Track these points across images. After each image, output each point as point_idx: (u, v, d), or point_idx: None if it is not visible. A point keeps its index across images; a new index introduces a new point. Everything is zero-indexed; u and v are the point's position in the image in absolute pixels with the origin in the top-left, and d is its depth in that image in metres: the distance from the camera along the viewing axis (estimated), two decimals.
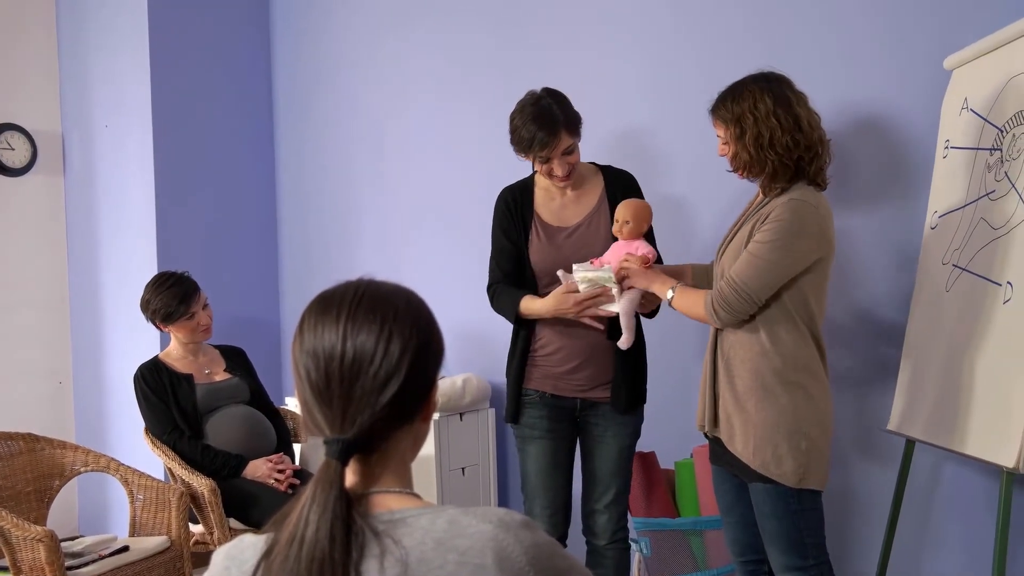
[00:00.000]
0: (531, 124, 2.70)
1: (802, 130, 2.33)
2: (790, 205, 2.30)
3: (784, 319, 2.33)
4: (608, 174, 2.90)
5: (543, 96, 2.77)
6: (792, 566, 2.35)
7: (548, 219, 2.85)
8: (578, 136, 2.78)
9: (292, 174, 4.85)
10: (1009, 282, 2.28)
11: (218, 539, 3.31)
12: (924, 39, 2.88)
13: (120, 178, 4.57)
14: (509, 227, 2.86)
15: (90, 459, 3.53)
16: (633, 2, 3.54)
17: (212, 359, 3.75)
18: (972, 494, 2.84)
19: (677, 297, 2.51)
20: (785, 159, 2.33)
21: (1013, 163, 2.37)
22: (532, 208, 2.86)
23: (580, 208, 2.84)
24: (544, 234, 2.83)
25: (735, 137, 2.37)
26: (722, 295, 2.35)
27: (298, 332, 1.19)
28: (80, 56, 4.76)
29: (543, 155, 2.72)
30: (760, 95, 2.34)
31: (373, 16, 4.44)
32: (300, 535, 1.08)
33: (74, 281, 4.87)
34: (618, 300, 2.65)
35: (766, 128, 2.31)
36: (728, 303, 2.34)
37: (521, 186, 2.92)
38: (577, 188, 2.86)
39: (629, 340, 2.68)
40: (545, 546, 1.13)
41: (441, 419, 3.68)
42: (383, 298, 1.18)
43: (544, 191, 2.89)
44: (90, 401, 4.80)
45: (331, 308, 1.17)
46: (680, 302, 2.50)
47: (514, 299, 2.81)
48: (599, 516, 2.86)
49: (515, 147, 2.78)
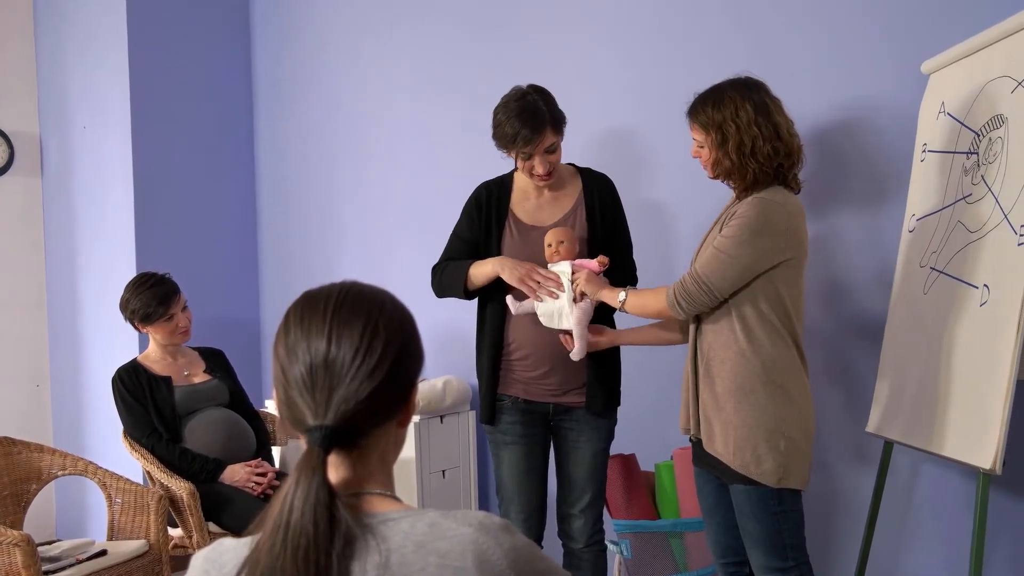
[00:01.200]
0: (516, 120, 2.67)
1: (781, 138, 2.36)
2: (755, 203, 2.33)
3: (762, 321, 2.35)
4: (587, 177, 2.89)
5: (529, 92, 2.74)
6: (772, 567, 2.36)
7: (523, 217, 2.84)
8: (562, 135, 2.77)
9: (272, 176, 4.84)
10: (985, 284, 2.30)
11: (197, 543, 3.29)
12: (902, 44, 2.90)
13: (99, 180, 4.54)
14: (473, 219, 2.86)
15: (68, 462, 3.50)
16: (616, 4, 3.55)
17: (191, 361, 3.73)
18: (950, 495, 2.86)
19: (630, 299, 2.57)
20: (766, 167, 2.35)
21: (989, 167, 2.39)
22: (508, 205, 2.85)
23: (556, 209, 2.84)
24: (518, 232, 2.82)
25: (716, 144, 2.39)
26: (684, 286, 2.39)
27: (282, 329, 1.20)
28: (58, 58, 4.73)
29: (526, 152, 2.70)
30: (741, 103, 2.36)
31: (354, 18, 4.43)
32: (284, 521, 1.08)
33: (52, 283, 4.84)
34: (571, 312, 2.67)
35: (748, 137, 2.34)
36: (689, 294, 2.37)
37: (499, 181, 2.92)
38: (555, 189, 2.85)
39: (581, 351, 2.69)
40: (525, 549, 1.14)
41: (421, 422, 3.68)
42: (368, 298, 1.21)
43: (521, 189, 2.88)
44: (68, 404, 4.77)
45: (318, 305, 1.19)
46: (634, 302, 2.56)
47: (462, 266, 2.80)
48: (575, 520, 2.86)
49: (497, 142, 2.76)
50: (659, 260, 3.19)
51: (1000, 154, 2.34)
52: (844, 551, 3.05)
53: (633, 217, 2.98)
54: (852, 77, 3.00)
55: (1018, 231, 2.19)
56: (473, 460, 3.92)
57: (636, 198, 3.38)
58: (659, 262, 3.23)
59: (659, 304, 2.47)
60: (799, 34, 3.10)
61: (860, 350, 3.00)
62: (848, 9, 3.01)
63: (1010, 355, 2.15)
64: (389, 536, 1.11)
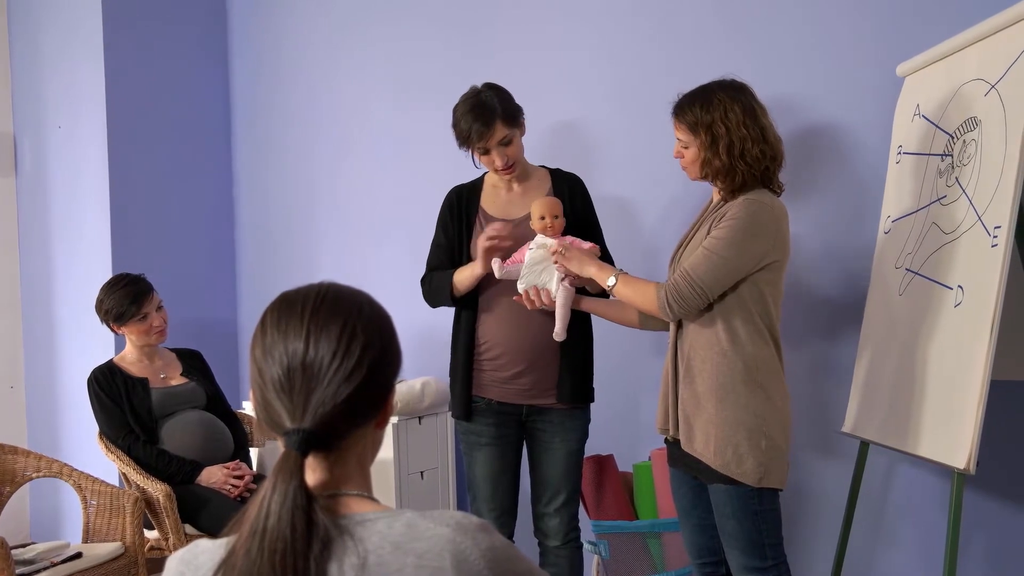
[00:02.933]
0: (468, 116, 2.77)
1: (768, 141, 2.38)
2: (746, 204, 2.34)
3: (745, 320, 2.36)
4: (556, 176, 2.94)
5: (482, 90, 2.83)
6: (751, 567, 2.37)
7: (493, 212, 2.88)
8: (517, 128, 2.82)
9: (249, 175, 4.81)
10: (960, 285, 2.32)
11: (173, 544, 3.27)
12: (877, 46, 2.93)
13: (74, 180, 4.50)
14: (449, 223, 2.91)
15: (42, 464, 3.47)
16: (594, 5, 3.55)
17: (168, 363, 3.70)
18: (925, 495, 2.88)
19: (620, 284, 2.51)
20: (754, 169, 2.36)
21: (963, 169, 2.41)
22: (478, 204, 2.90)
23: (525, 203, 2.85)
24: (486, 223, 2.83)
25: (706, 145, 2.39)
26: (676, 288, 2.36)
27: (259, 330, 1.20)
28: (33, 57, 4.69)
29: (481, 146, 2.78)
30: (730, 105, 2.36)
31: (333, 17, 4.42)
32: (261, 526, 1.08)
33: (26, 283, 4.79)
34: (554, 292, 2.67)
35: (738, 139, 2.34)
36: (682, 296, 2.35)
37: (470, 185, 2.97)
38: (524, 182, 2.90)
39: (562, 332, 2.70)
40: (502, 549, 1.14)
41: (400, 423, 3.67)
42: (346, 299, 1.21)
43: (492, 187, 2.93)
44: (42, 406, 4.72)
45: (295, 306, 1.19)
46: (624, 290, 2.50)
47: (446, 275, 2.84)
48: (551, 519, 2.87)
49: (458, 142, 2.84)
50: (622, 259, 3.17)
51: (974, 156, 2.36)
52: (820, 551, 3.06)
53: (616, 216, 2.98)
54: (828, 80, 3.02)
55: (992, 233, 2.21)
56: (451, 461, 3.92)
57: (605, 196, 3.39)
58: (622, 261, 3.22)
59: (648, 302, 2.43)
60: (775, 36, 3.12)
61: (836, 350, 3.02)
62: (824, 13, 3.03)
63: (984, 355, 2.17)
64: (366, 537, 1.10)
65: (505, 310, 2.79)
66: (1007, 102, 2.25)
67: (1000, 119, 2.26)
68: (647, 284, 2.46)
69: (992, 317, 2.16)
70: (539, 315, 2.76)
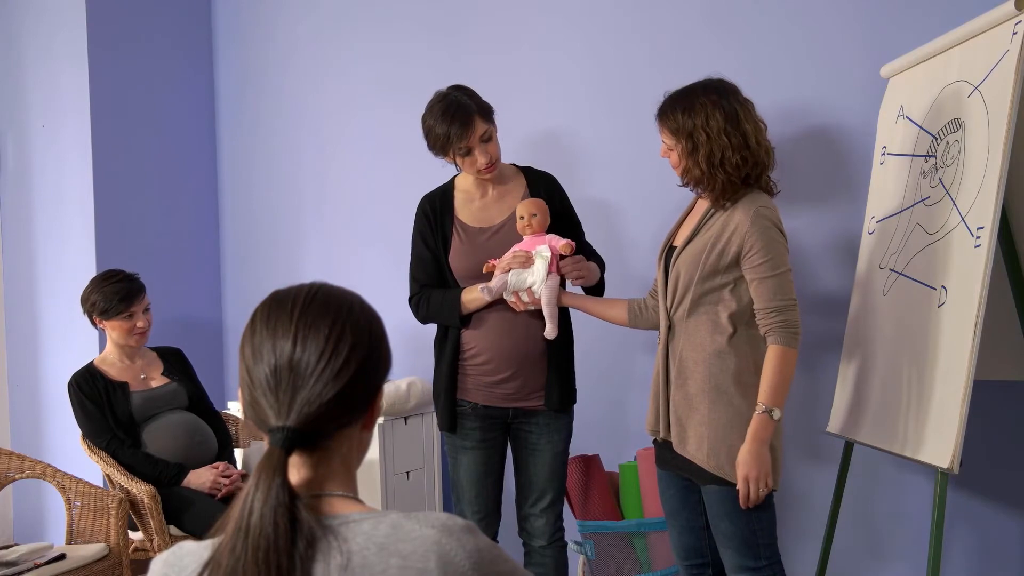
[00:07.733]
0: (443, 120, 2.70)
1: (749, 147, 2.36)
2: (756, 221, 2.33)
3: (737, 322, 2.37)
4: (530, 175, 2.91)
5: (449, 92, 2.77)
6: (746, 567, 2.37)
7: (469, 221, 2.84)
8: (493, 124, 2.78)
9: (234, 175, 4.80)
10: (943, 286, 2.33)
11: (158, 546, 3.26)
12: (861, 48, 2.94)
13: (58, 179, 4.48)
14: (428, 234, 2.85)
15: (25, 465, 3.45)
16: (576, 6, 3.55)
17: (149, 363, 3.66)
18: (909, 494, 2.90)
19: (771, 368, 2.34)
20: (734, 177, 2.35)
21: (947, 170, 2.42)
22: (452, 212, 2.85)
23: (503, 207, 2.84)
24: (465, 236, 2.82)
25: (687, 152, 2.39)
26: (787, 323, 2.31)
27: (249, 328, 1.20)
28: (15, 54, 4.66)
29: (462, 147, 2.71)
30: (712, 111, 2.35)
31: (317, 20, 4.41)
32: (245, 524, 1.08)
33: (9, 283, 4.76)
34: (538, 293, 2.67)
35: (718, 147, 2.34)
36: (791, 322, 2.32)
37: (440, 192, 2.91)
38: (499, 185, 2.86)
39: (553, 330, 2.70)
40: (487, 550, 1.14)
41: (386, 423, 3.66)
42: (336, 300, 1.21)
43: (464, 193, 2.87)
44: (26, 406, 4.70)
45: (285, 305, 1.19)
46: (773, 378, 2.33)
47: (453, 296, 2.78)
48: (536, 520, 2.87)
49: (433, 150, 2.78)
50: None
51: (957, 157, 2.38)
52: (805, 551, 3.07)
53: (599, 216, 2.98)
54: (813, 81, 3.03)
55: (975, 233, 2.22)
56: (437, 461, 3.91)
57: (584, 198, 3.40)
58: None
59: (789, 361, 2.31)
60: (760, 37, 3.13)
61: (821, 351, 3.03)
62: (808, 13, 3.04)
63: (967, 355, 2.18)
64: (351, 538, 1.10)
65: (491, 316, 2.78)
66: (990, 104, 2.26)
67: (983, 120, 2.28)
68: (776, 357, 2.32)
69: (975, 317, 2.17)
70: (524, 319, 2.75)
